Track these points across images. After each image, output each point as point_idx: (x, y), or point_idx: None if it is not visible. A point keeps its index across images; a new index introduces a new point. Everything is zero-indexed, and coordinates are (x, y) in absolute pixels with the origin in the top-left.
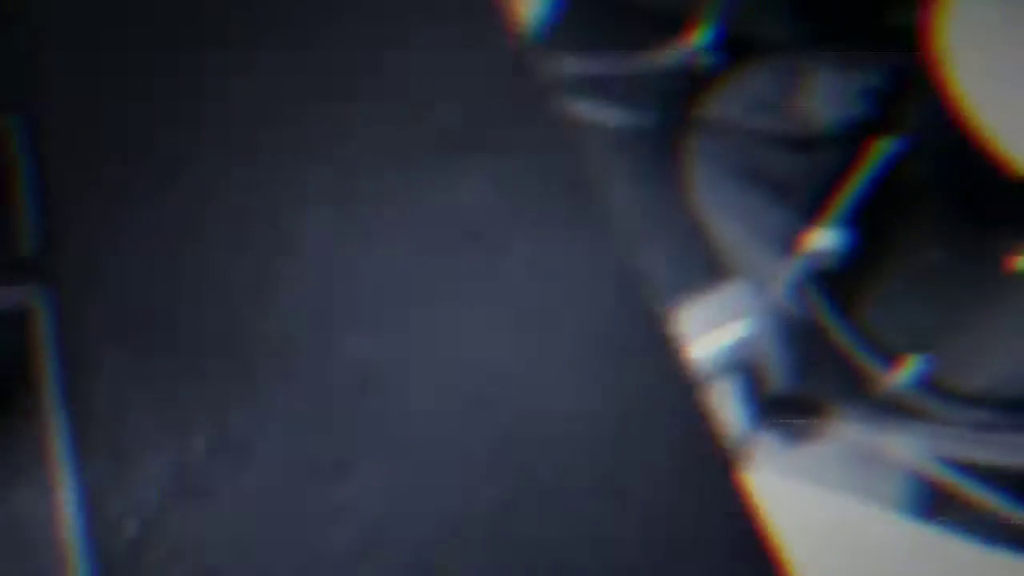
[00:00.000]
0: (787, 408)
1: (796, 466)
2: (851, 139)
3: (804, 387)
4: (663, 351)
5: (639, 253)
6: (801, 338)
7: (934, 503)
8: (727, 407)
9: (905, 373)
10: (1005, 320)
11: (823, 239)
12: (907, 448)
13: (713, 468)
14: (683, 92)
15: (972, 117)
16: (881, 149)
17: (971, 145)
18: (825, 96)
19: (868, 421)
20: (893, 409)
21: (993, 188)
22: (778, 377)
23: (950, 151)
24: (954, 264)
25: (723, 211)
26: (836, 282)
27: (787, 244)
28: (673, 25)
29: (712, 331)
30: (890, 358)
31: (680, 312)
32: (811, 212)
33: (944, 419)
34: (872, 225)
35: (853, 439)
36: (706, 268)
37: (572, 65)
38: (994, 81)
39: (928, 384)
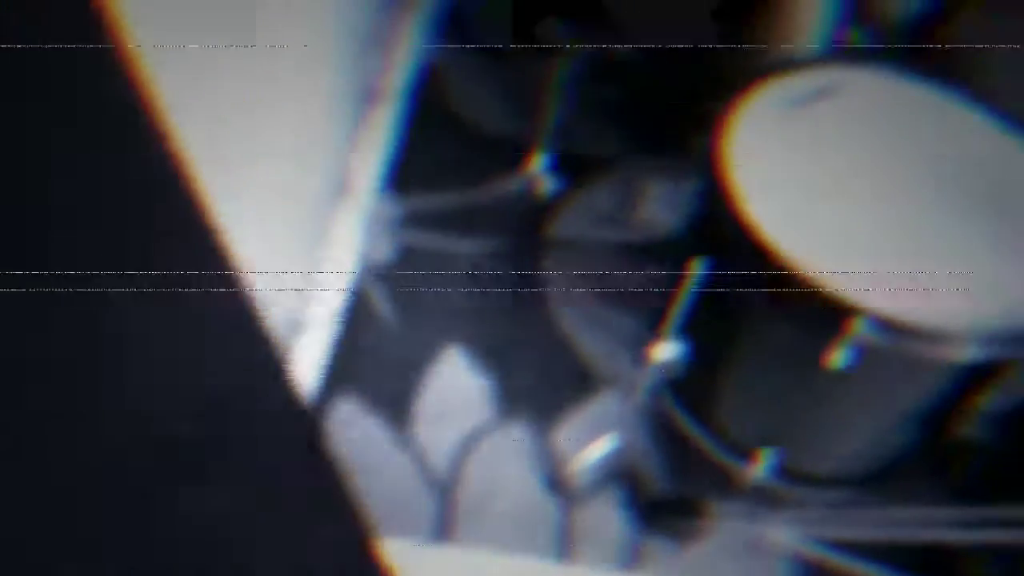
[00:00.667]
0: (668, 510)
1: (684, 565)
2: (683, 248)
3: (680, 488)
4: None
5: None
6: (668, 442)
7: None
8: (610, 516)
9: (760, 467)
10: (832, 412)
11: (665, 349)
12: (784, 534)
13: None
14: (530, 216)
15: (760, 230)
16: (698, 263)
17: (769, 258)
18: (660, 205)
19: (743, 514)
20: (762, 499)
21: (794, 296)
22: (655, 482)
23: (752, 264)
24: (780, 366)
25: (583, 325)
26: (684, 388)
27: (641, 353)
28: (511, 154)
29: (588, 443)
30: (745, 454)
31: (556, 427)
32: (654, 321)
33: (806, 503)
34: (705, 333)
35: (733, 532)
36: (577, 382)
37: (420, 202)
38: (778, 196)
39: (783, 473)
